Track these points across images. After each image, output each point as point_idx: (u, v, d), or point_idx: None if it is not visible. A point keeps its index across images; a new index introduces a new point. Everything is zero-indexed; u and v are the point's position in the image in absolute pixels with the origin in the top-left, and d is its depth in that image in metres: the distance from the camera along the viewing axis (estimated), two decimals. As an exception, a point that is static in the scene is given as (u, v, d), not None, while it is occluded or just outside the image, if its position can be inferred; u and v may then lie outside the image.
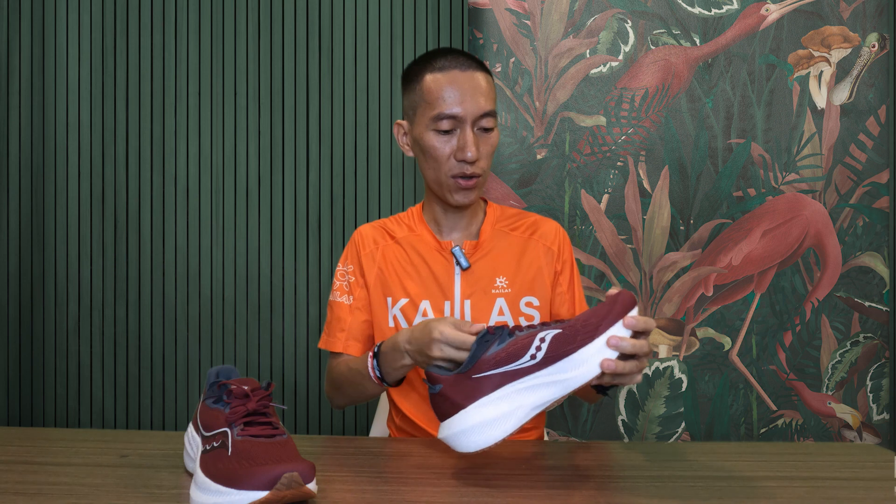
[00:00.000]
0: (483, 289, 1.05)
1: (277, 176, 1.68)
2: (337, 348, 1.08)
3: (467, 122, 0.99)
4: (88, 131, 1.68)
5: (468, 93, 0.99)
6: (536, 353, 0.70)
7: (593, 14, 1.73)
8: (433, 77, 1.00)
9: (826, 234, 1.74)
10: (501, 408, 0.70)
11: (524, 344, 0.71)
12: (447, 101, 0.98)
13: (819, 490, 0.71)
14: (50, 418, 1.69)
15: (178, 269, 1.69)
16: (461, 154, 0.99)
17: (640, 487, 0.71)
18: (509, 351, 0.71)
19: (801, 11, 1.73)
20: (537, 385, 0.71)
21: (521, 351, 0.71)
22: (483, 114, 0.99)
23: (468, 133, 0.99)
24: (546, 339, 0.70)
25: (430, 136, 1.00)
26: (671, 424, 1.75)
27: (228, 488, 0.59)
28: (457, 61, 1.01)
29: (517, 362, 0.71)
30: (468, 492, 0.69)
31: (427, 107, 1.00)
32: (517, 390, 0.71)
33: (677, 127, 1.73)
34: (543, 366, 0.70)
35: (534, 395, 0.71)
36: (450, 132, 1.00)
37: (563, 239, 1.12)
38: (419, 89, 1.02)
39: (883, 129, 1.74)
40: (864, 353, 1.75)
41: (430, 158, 1.02)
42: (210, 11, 1.68)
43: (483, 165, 1.02)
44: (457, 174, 1.00)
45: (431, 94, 1.00)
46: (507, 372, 0.71)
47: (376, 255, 1.09)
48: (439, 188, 1.04)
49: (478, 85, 1.00)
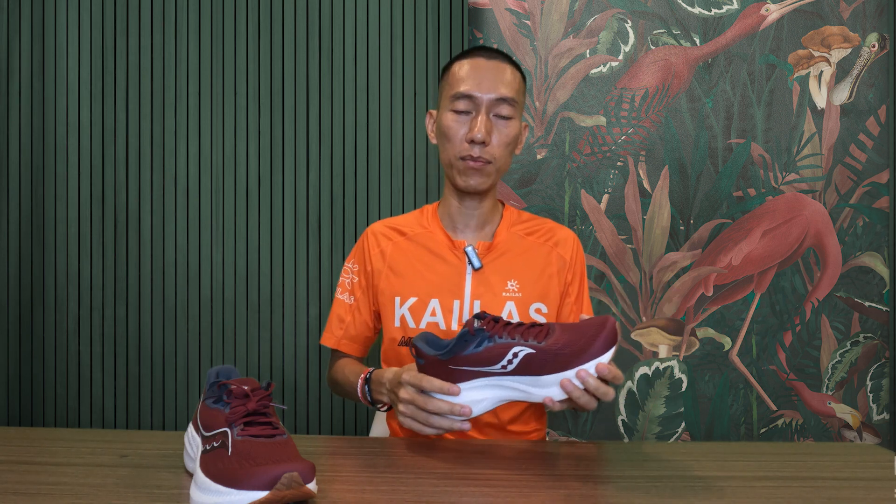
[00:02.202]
0: (493, 290, 1.05)
1: (277, 176, 1.68)
2: (333, 346, 1.13)
3: (482, 104, 1.01)
4: (88, 131, 1.68)
5: (487, 77, 1.01)
6: (507, 365, 0.76)
7: (593, 14, 1.73)
8: (459, 63, 1.04)
9: (826, 234, 1.74)
10: (472, 395, 0.79)
11: (499, 353, 0.77)
12: (466, 83, 1.01)
13: (819, 490, 0.71)
14: (50, 418, 1.68)
15: (178, 269, 1.69)
16: (471, 134, 1.00)
17: (640, 487, 0.71)
18: (484, 356, 0.77)
19: (801, 11, 1.73)
20: (504, 386, 0.78)
21: (495, 359, 0.77)
22: (499, 98, 1.01)
23: (482, 116, 1.01)
24: (518, 356, 0.76)
25: (448, 115, 1.03)
26: (671, 424, 1.75)
27: (228, 488, 0.59)
28: (486, 52, 1.04)
29: (490, 367, 0.77)
30: (468, 492, 0.69)
31: (448, 88, 1.04)
32: (488, 384, 0.79)
33: (677, 127, 1.73)
34: (513, 374, 0.77)
35: (500, 392, 0.79)
36: (466, 114, 1.02)
37: (578, 249, 1.13)
38: (447, 76, 1.06)
39: (883, 129, 1.74)
40: (864, 353, 1.75)
41: (444, 139, 1.04)
42: (210, 11, 1.68)
43: (495, 153, 1.03)
44: (465, 156, 1.02)
45: (454, 77, 1.04)
46: (479, 371, 0.78)
47: (386, 253, 1.09)
48: (450, 170, 1.06)
49: (500, 73, 1.02)
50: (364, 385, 0.97)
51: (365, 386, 0.96)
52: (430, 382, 0.81)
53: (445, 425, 0.81)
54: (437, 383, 0.80)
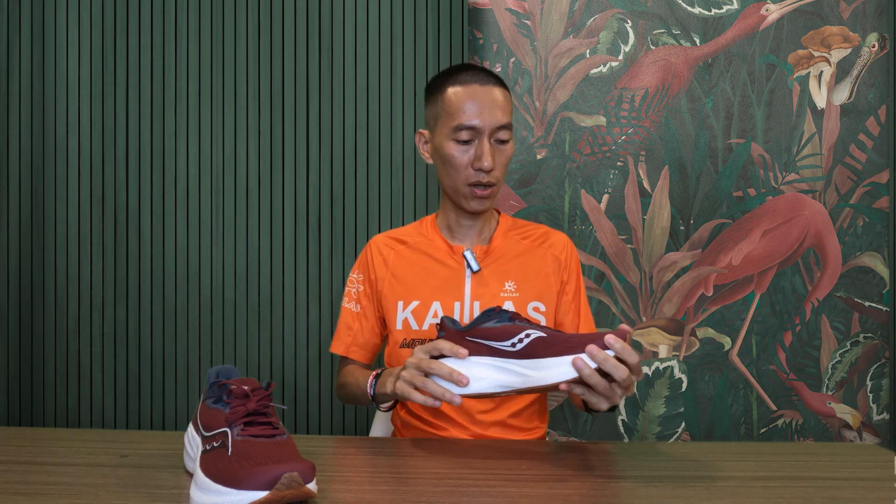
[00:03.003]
0: (492, 292, 1.08)
1: (277, 176, 1.68)
2: (342, 353, 1.17)
3: (485, 133, 1.03)
4: (88, 131, 1.68)
5: (486, 106, 1.03)
6: (517, 344, 0.79)
7: (593, 14, 1.73)
8: (454, 90, 1.05)
9: (826, 234, 1.74)
10: (475, 370, 0.81)
11: (513, 331, 0.80)
12: (467, 113, 1.03)
13: (819, 490, 0.71)
14: (50, 418, 1.68)
15: (178, 269, 1.69)
16: (478, 163, 1.03)
17: (640, 487, 0.71)
18: (499, 330, 0.81)
19: (801, 11, 1.73)
20: (507, 369, 0.80)
21: (508, 335, 0.80)
22: (499, 126, 1.04)
23: (485, 144, 1.03)
24: (530, 336, 0.79)
25: (450, 145, 1.05)
26: (671, 424, 1.75)
27: (228, 488, 0.59)
28: (477, 76, 1.05)
29: (500, 343, 0.80)
30: (468, 492, 0.69)
31: (448, 118, 1.05)
32: (491, 364, 0.81)
33: (677, 127, 1.73)
34: (518, 357, 0.79)
35: (501, 376, 0.80)
36: (468, 142, 1.04)
37: (571, 250, 1.17)
38: (441, 101, 1.06)
39: (883, 129, 1.74)
40: (864, 353, 1.75)
41: (449, 167, 1.06)
42: (210, 11, 1.68)
43: (497, 175, 1.06)
44: (473, 182, 1.05)
45: (452, 106, 1.04)
46: (490, 346, 0.81)
47: (389, 261, 1.14)
48: (456, 195, 1.08)
49: (495, 99, 1.04)
50: (373, 380, 0.98)
51: (374, 380, 0.98)
52: (442, 343, 0.84)
53: (438, 392, 0.82)
54: (448, 344, 0.83)
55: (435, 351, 0.85)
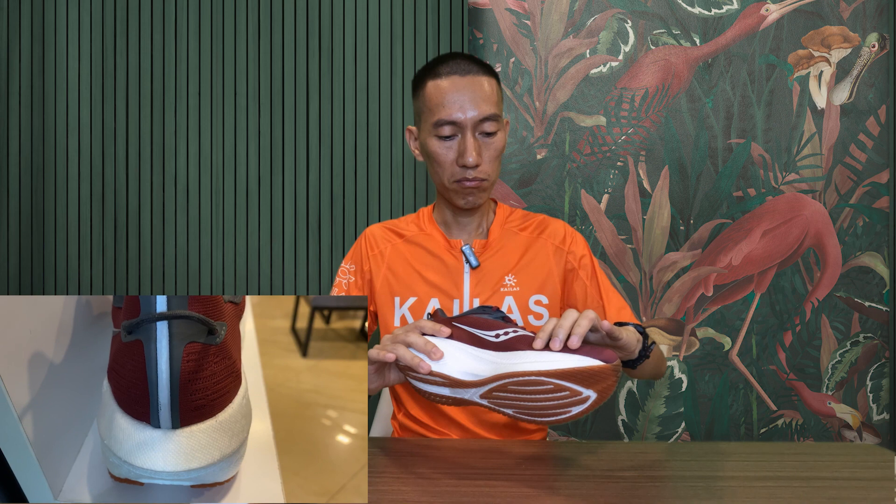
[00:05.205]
0: (492, 287, 1.06)
1: (277, 176, 1.68)
2: None
3: (467, 127, 0.99)
4: (88, 131, 1.68)
5: (468, 98, 0.99)
6: (501, 336, 0.79)
7: (593, 14, 1.73)
8: (434, 83, 1.01)
9: (826, 234, 1.74)
10: (453, 351, 0.81)
11: (500, 326, 0.81)
12: (446, 107, 0.99)
13: (819, 490, 0.71)
14: (50, 418, 1.68)
15: (178, 269, 1.69)
16: (461, 160, 0.99)
17: (640, 487, 0.71)
18: (486, 323, 0.82)
19: (801, 11, 1.73)
20: (481, 358, 0.79)
21: (494, 327, 0.81)
22: (483, 118, 0.99)
23: (468, 138, 0.99)
24: (516, 332, 0.79)
25: (433, 141, 1.01)
26: (671, 424, 1.75)
27: None
28: (458, 66, 1.00)
29: (485, 332, 0.81)
30: (468, 492, 0.69)
31: (429, 113, 1.01)
32: (471, 353, 0.80)
33: (677, 127, 1.73)
34: (497, 349, 0.79)
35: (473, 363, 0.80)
36: (451, 137, 1.00)
37: (573, 236, 1.12)
38: (423, 96, 1.03)
39: (883, 129, 1.74)
40: (864, 353, 1.75)
41: (434, 164, 1.03)
42: (210, 11, 1.68)
43: (487, 170, 1.02)
44: (459, 179, 1.01)
45: (432, 101, 1.00)
46: (473, 334, 0.81)
47: (385, 254, 1.10)
48: (445, 192, 1.05)
49: (478, 89, 0.99)
50: None
51: None
52: (424, 322, 0.82)
53: (408, 357, 0.78)
54: (430, 323, 0.82)
55: (417, 329, 0.82)
